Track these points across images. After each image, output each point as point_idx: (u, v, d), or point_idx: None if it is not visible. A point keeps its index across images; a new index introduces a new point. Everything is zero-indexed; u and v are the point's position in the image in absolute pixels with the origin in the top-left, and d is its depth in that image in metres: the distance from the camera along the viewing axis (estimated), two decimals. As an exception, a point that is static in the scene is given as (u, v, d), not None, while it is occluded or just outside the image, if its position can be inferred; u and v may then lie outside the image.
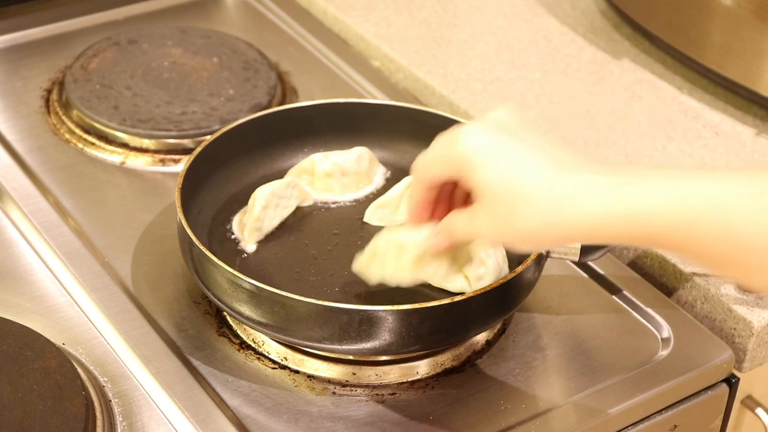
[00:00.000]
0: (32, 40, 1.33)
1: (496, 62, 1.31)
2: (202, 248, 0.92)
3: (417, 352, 0.92)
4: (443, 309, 0.89)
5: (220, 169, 1.06)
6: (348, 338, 0.89)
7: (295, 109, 1.11)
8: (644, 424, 0.96)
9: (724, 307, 1.02)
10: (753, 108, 1.25)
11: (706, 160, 1.18)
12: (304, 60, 1.32)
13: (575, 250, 0.97)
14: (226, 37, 1.31)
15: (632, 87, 1.28)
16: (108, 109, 1.18)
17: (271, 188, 1.03)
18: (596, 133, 1.21)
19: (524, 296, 0.96)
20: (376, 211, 1.06)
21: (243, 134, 1.07)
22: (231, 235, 1.03)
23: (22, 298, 0.99)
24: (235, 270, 0.90)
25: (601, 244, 0.97)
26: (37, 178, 1.12)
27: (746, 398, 1.08)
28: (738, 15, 1.19)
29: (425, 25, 1.37)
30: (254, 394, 0.92)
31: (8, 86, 1.25)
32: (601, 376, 0.96)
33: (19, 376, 0.87)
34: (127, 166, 1.15)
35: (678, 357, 0.98)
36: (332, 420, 0.91)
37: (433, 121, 1.10)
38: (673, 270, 1.06)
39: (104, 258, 1.03)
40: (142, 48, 1.28)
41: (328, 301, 0.89)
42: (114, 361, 0.94)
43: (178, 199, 0.97)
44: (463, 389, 0.94)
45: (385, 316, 0.88)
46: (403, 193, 1.05)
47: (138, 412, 0.90)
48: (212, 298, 0.94)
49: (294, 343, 0.93)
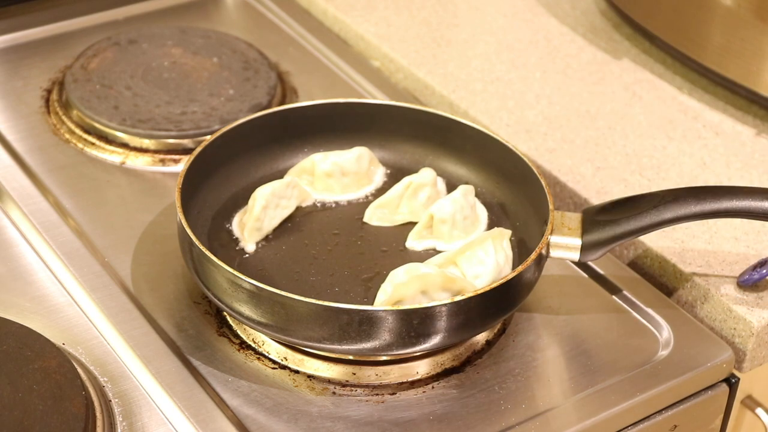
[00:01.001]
0: (32, 40, 1.33)
1: (496, 62, 1.31)
2: (202, 248, 0.92)
3: (417, 353, 0.92)
4: (443, 309, 0.89)
5: (220, 169, 1.06)
6: (348, 338, 0.89)
7: (295, 109, 1.11)
8: (644, 424, 0.96)
9: (724, 307, 1.02)
10: (753, 108, 1.25)
11: (706, 160, 1.18)
12: (304, 60, 1.32)
13: (575, 249, 0.97)
14: (226, 37, 1.31)
15: (632, 87, 1.28)
16: (108, 109, 1.18)
17: (271, 188, 1.03)
18: (596, 133, 1.21)
19: (524, 296, 0.96)
20: (376, 211, 1.06)
21: (243, 134, 1.07)
22: (231, 235, 1.03)
23: (22, 298, 0.99)
24: (234, 270, 0.90)
25: (602, 242, 0.97)
26: (37, 178, 1.12)
27: (746, 398, 1.08)
28: (738, 15, 1.19)
29: (425, 25, 1.37)
30: (254, 394, 0.92)
31: (8, 86, 1.25)
32: (601, 376, 0.96)
33: (19, 376, 0.87)
34: (127, 166, 1.15)
35: (678, 357, 0.98)
36: (332, 420, 0.91)
37: (433, 121, 1.10)
38: (673, 270, 1.06)
39: (104, 258, 1.03)
40: (142, 48, 1.28)
41: (328, 301, 0.89)
42: (114, 361, 0.94)
43: (178, 199, 0.97)
44: (463, 389, 0.94)
45: (385, 316, 0.88)
46: (403, 193, 1.05)
47: (138, 412, 0.90)
48: (212, 298, 0.94)
49: (294, 343, 0.93)
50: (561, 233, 0.97)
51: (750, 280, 1.02)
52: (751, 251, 1.07)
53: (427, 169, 1.07)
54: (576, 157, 1.17)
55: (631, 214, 0.97)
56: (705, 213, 0.96)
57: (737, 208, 0.96)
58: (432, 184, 1.06)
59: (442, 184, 1.09)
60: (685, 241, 1.07)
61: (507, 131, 1.21)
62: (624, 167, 1.16)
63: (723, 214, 0.96)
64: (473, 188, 1.07)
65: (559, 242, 0.97)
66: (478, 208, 1.07)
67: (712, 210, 0.96)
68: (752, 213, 0.96)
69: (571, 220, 0.99)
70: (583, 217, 0.99)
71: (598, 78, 1.30)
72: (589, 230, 0.97)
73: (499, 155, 1.07)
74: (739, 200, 0.96)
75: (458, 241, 1.03)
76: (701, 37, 1.24)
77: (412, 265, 0.95)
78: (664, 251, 1.06)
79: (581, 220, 0.98)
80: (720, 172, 1.16)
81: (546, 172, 1.16)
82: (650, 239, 1.07)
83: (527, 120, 1.22)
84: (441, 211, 1.02)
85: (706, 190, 0.97)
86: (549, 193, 0.99)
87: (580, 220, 0.99)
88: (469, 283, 0.95)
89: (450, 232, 1.03)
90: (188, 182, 1.00)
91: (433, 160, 1.11)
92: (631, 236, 0.97)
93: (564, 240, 0.97)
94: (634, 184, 1.14)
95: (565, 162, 1.17)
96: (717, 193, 0.96)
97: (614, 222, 0.97)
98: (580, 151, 1.18)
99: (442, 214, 1.02)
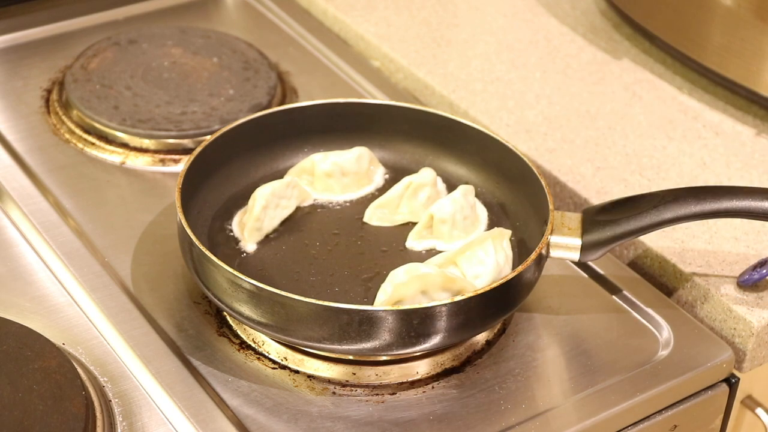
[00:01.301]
0: (32, 40, 1.33)
1: (496, 62, 1.31)
2: (202, 248, 0.92)
3: (417, 353, 0.92)
4: (443, 309, 0.89)
5: (220, 169, 1.06)
6: (348, 338, 0.89)
7: (295, 109, 1.11)
8: (644, 424, 0.96)
9: (724, 307, 1.02)
10: (753, 108, 1.25)
11: (706, 160, 1.18)
12: (304, 60, 1.32)
13: (575, 249, 0.98)
14: (226, 37, 1.31)
15: (632, 87, 1.28)
16: (108, 109, 1.18)
17: (271, 188, 1.03)
18: (596, 133, 1.21)
19: (524, 296, 0.96)
20: (376, 211, 1.06)
21: (243, 134, 1.07)
22: (231, 235, 1.03)
23: (22, 298, 0.99)
24: (235, 270, 0.90)
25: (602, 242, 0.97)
26: (37, 178, 1.12)
27: (746, 398, 1.08)
28: (738, 15, 1.19)
29: (425, 25, 1.37)
30: (254, 394, 0.92)
31: (8, 86, 1.25)
32: (601, 376, 0.96)
33: (19, 376, 0.87)
34: (127, 166, 1.15)
35: (678, 357, 0.98)
36: (332, 420, 0.91)
37: (433, 121, 1.10)
38: (673, 270, 1.06)
39: (104, 258, 1.03)
40: (142, 48, 1.28)
41: (327, 301, 0.89)
42: (114, 361, 0.94)
43: (178, 199, 0.97)
44: (463, 389, 0.94)
45: (385, 316, 0.88)
46: (403, 193, 1.05)
47: (138, 412, 0.90)
48: (212, 298, 0.94)
49: (294, 343, 0.93)
50: (561, 233, 0.97)
51: (750, 280, 1.02)
52: (751, 251, 1.07)
53: (427, 169, 1.07)
54: (576, 157, 1.17)
55: (631, 214, 0.97)
56: (705, 213, 0.96)
57: (737, 208, 0.96)
58: (432, 184, 1.06)
59: (441, 185, 1.09)
60: (685, 241, 1.07)
61: (507, 131, 1.21)
62: (624, 167, 1.16)
63: (723, 214, 0.96)
64: (473, 188, 1.07)
65: (559, 242, 0.97)
66: (478, 208, 1.07)
67: (712, 210, 0.96)
68: (752, 213, 0.96)
69: (571, 220, 0.99)
70: (583, 217, 0.99)
71: (598, 78, 1.30)
72: (589, 230, 0.97)
73: (499, 155, 1.07)
74: (739, 200, 0.96)
75: (458, 241, 1.03)
76: (701, 37, 1.24)
77: (412, 265, 0.95)
78: (664, 251, 1.06)
79: (581, 220, 0.98)
80: (720, 172, 1.16)
81: (546, 172, 1.16)
82: (650, 239, 1.07)
83: (527, 120, 1.22)
84: (441, 211, 1.02)
85: (706, 190, 0.97)
86: (549, 193, 0.99)
87: (580, 220, 0.99)
88: (469, 282, 0.95)
89: (450, 232, 1.03)
90: (188, 182, 1.00)
91: (433, 160, 1.11)
92: (631, 236, 0.97)
93: (564, 240, 0.97)
94: (634, 184, 1.14)
95: (565, 162, 1.17)
96: (717, 193, 0.96)
97: (614, 222, 0.97)
98: (580, 151, 1.18)
99: (442, 214, 1.02)
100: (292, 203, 1.05)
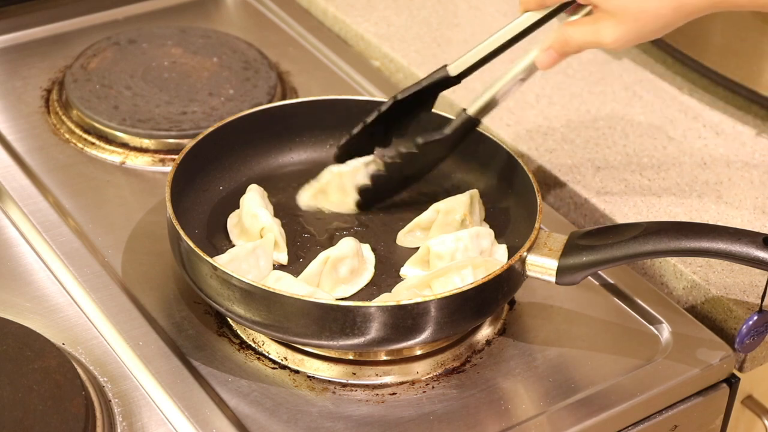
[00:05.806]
0: (32, 40, 1.33)
1: (496, 62, 1.31)
2: (190, 243, 0.92)
3: (414, 346, 0.92)
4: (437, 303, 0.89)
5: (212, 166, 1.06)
6: (342, 334, 0.89)
7: (288, 106, 1.10)
8: (644, 424, 0.96)
9: (724, 307, 1.02)
10: (753, 108, 1.25)
11: (706, 160, 1.18)
12: (304, 60, 1.32)
13: (551, 271, 0.95)
14: (226, 36, 1.31)
15: (632, 87, 1.28)
16: (108, 109, 1.18)
17: (229, 256, 0.98)
18: (596, 133, 1.21)
19: (515, 289, 0.95)
20: None
21: (236, 131, 1.07)
22: (226, 235, 1.03)
23: (22, 298, 0.99)
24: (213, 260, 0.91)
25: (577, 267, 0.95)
26: (37, 178, 1.12)
27: (746, 398, 1.07)
28: (738, 15, 1.19)
29: (425, 25, 1.37)
30: (254, 394, 0.92)
31: (8, 86, 1.25)
32: (602, 376, 0.96)
33: (19, 376, 0.87)
34: (126, 166, 1.15)
35: (678, 357, 0.98)
36: (332, 420, 0.91)
37: (433, 121, 1.10)
38: (673, 270, 1.06)
39: (104, 258, 1.03)
40: (142, 48, 1.28)
41: (320, 299, 0.89)
42: (114, 361, 0.94)
43: (169, 201, 0.97)
44: (463, 389, 0.94)
45: (375, 312, 0.88)
46: (321, 269, 0.98)
47: (138, 412, 0.90)
48: (204, 297, 0.94)
49: (287, 339, 0.93)
50: (540, 253, 0.95)
51: (745, 345, 0.98)
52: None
53: (349, 239, 1.01)
54: (576, 157, 1.17)
55: (612, 242, 0.94)
56: (683, 250, 0.92)
57: (719, 250, 0.91)
58: (352, 255, 0.99)
59: (369, 253, 1.03)
60: (685, 241, 1.07)
61: (507, 131, 1.21)
62: (624, 167, 1.16)
63: (704, 254, 0.92)
64: (492, 232, 1.03)
65: (536, 262, 0.95)
66: (498, 251, 1.02)
67: (691, 248, 0.91)
68: (734, 256, 0.91)
69: (556, 242, 0.96)
70: (568, 240, 0.96)
71: (598, 78, 1.30)
72: (567, 253, 0.95)
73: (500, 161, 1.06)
74: (722, 242, 0.91)
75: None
76: (701, 37, 1.24)
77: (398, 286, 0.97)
78: (664, 251, 1.06)
79: (565, 243, 0.96)
80: (720, 172, 1.16)
81: (546, 172, 1.16)
82: (650, 239, 1.07)
83: (527, 120, 1.22)
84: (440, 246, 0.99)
85: (688, 227, 0.93)
86: (540, 210, 0.98)
87: (564, 242, 0.96)
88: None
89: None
90: (179, 180, 1.00)
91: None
92: (607, 264, 0.94)
93: (541, 260, 0.95)
94: (634, 184, 1.14)
95: (565, 162, 1.17)
96: (700, 232, 0.92)
97: (593, 248, 0.94)
98: (580, 151, 1.18)
99: (440, 249, 0.99)
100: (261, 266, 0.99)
